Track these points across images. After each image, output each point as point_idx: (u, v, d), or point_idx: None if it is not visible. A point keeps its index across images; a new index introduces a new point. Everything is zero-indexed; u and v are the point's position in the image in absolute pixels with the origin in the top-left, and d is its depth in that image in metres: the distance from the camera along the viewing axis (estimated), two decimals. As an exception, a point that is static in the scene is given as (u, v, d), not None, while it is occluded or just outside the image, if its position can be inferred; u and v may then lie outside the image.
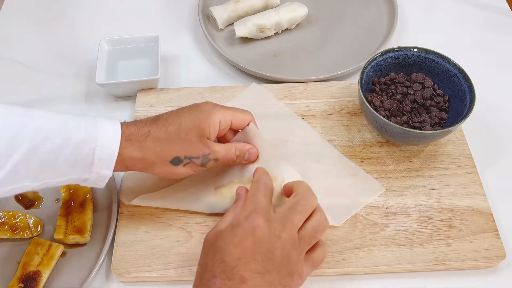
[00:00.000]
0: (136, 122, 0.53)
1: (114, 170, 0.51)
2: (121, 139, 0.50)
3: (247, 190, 0.54)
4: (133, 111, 0.71)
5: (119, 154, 0.50)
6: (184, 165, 0.53)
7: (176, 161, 0.53)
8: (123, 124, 0.52)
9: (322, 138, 0.67)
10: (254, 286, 0.45)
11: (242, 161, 0.58)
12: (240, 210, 0.50)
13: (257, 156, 0.59)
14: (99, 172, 0.50)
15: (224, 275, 0.45)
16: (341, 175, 0.64)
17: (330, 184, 0.62)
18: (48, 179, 0.49)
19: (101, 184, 0.52)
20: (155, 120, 0.54)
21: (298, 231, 0.50)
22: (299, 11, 0.82)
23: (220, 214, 0.59)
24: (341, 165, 0.65)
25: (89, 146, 0.48)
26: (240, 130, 0.60)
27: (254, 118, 0.60)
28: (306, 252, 0.51)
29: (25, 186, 0.48)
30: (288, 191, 0.55)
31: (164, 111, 0.57)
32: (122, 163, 0.51)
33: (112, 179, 0.63)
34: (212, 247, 0.48)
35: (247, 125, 0.59)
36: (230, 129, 0.59)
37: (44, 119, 0.48)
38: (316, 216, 0.51)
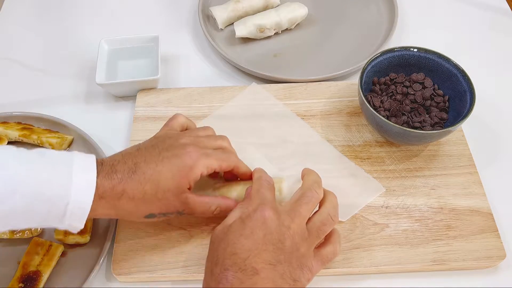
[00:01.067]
0: (112, 174, 0.49)
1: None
2: (94, 196, 0.47)
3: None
4: (133, 111, 0.71)
5: (92, 210, 0.48)
6: (158, 218, 0.53)
7: (150, 216, 0.52)
8: (99, 175, 0.48)
9: (322, 138, 0.67)
10: (266, 277, 0.45)
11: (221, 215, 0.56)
12: (247, 205, 0.50)
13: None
14: (70, 224, 0.48)
15: (236, 267, 0.45)
16: (341, 175, 0.64)
17: (330, 184, 0.62)
18: (15, 226, 0.47)
19: (73, 231, 0.50)
20: (133, 172, 0.49)
21: (306, 223, 0.50)
22: (299, 11, 0.82)
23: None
24: (341, 165, 0.65)
25: (61, 202, 0.46)
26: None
27: (238, 160, 0.56)
28: (317, 248, 0.51)
29: None
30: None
31: (164, 111, 0.57)
32: (93, 216, 0.49)
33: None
34: (222, 241, 0.48)
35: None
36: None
37: (15, 168, 0.45)
38: (324, 208, 0.52)
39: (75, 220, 0.48)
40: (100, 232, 0.60)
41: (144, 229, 0.59)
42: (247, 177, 0.56)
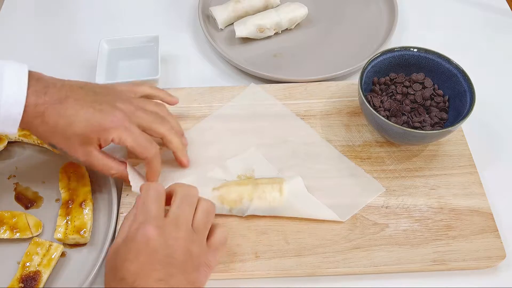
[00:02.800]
0: (40, 95, 0.52)
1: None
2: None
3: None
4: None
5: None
6: (60, 151, 0.56)
7: (52, 146, 0.56)
8: (29, 88, 0.51)
9: (322, 138, 0.67)
10: None
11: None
12: (131, 222, 0.49)
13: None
14: (3, 130, 0.52)
15: None
16: (341, 175, 0.64)
17: (330, 184, 0.62)
18: None
19: (10, 133, 0.53)
20: (58, 103, 0.52)
21: (191, 224, 0.50)
22: (299, 11, 0.82)
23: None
24: (341, 165, 0.65)
25: None
26: None
27: (153, 159, 0.57)
28: (207, 240, 0.51)
29: None
30: (168, 196, 0.52)
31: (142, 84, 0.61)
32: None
33: (111, 178, 0.63)
34: (112, 268, 0.47)
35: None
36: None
37: None
38: (201, 203, 0.52)
39: (7, 126, 0.51)
40: (100, 232, 0.60)
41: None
42: (177, 158, 0.61)
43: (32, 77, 0.52)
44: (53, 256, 0.56)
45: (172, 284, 0.45)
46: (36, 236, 0.59)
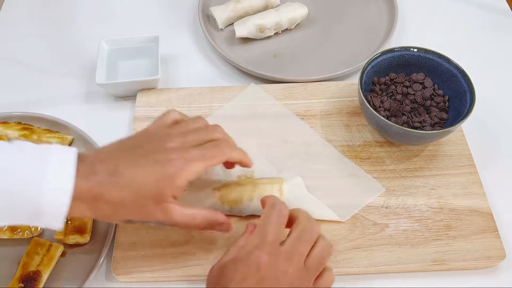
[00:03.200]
0: (90, 175, 0.46)
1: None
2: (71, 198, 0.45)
3: (252, 229, 0.50)
4: (133, 111, 0.71)
5: (69, 211, 0.45)
6: (137, 224, 0.50)
7: (128, 222, 0.50)
8: (77, 174, 0.45)
9: (322, 138, 0.67)
10: None
11: (212, 231, 0.54)
12: (244, 241, 0.48)
13: (230, 230, 0.54)
14: (48, 224, 0.46)
15: None
16: (341, 175, 0.64)
17: (330, 184, 0.62)
18: None
19: (55, 229, 0.47)
20: (112, 174, 0.47)
21: (304, 261, 0.48)
22: (299, 11, 0.82)
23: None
24: (341, 165, 0.65)
25: (35, 201, 0.44)
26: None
27: (231, 151, 0.53)
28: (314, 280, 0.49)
29: None
30: (290, 220, 0.50)
31: (164, 111, 0.57)
32: (72, 215, 0.48)
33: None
34: (216, 284, 0.46)
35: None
36: None
37: None
38: (320, 242, 0.49)
39: (52, 221, 0.45)
40: (100, 232, 0.60)
41: (144, 229, 0.59)
42: (245, 165, 0.54)
43: (77, 159, 0.46)
44: (53, 256, 0.56)
45: None
46: (36, 236, 0.59)
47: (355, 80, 0.71)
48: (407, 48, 0.67)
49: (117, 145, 0.51)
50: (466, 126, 0.68)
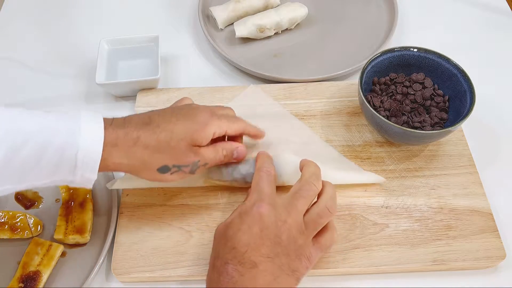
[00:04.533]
0: (125, 124, 0.51)
1: (99, 171, 0.49)
2: (105, 144, 0.48)
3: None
4: (133, 111, 0.71)
5: (103, 159, 0.49)
6: (171, 173, 0.53)
7: (163, 169, 0.52)
8: (109, 127, 0.49)
9: (321, 139, 0.67)
10: (265, 269, 0.47)
11: (231, 160, 0.58)
12: (247, 200, 0.52)
13: (244, 155, 0.59)
14: (83, 175, 0.49)
15: (236, 260, 0.47)
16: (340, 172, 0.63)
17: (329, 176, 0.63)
18: (32, 181, 0.48)
19: (88, 185, 0.50)
20: (147, 123, 0.52)
21: (304, 215, 0.51)
22: (299, 11, 0.82)
23: (218, 209, 0.59)
24: (340, 165, 0.64)
25: (71, 150, 0.47)
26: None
27: (247, 123, 0.60)
28: (314, 236, 0.52)
29: (9, 188, 0.48)
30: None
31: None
32: (106, 167, 0.50)
33: (111, 176, 0.63)
34: (222, 237, 0.50)
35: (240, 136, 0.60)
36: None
37: (24, 120, 0.47)
38: (322, 201, 0.52)
39: (87, 171, 0.48)
40: (100, 232, 0.60)
41: (144, 229, 0.59)
42: (258, 138, 0.61)
43: (107, 119, 0.51)
44: (53, 256, 0.56)
45: (276, 263, 0.47)
46: (36, 236, 0.59)
47: (355, 80, 0.71)
48: (407, 48, 0.67)
49: (143, 113, 0.55)
50: (466, 126, 0.68)
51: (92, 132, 0.48)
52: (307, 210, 0.51)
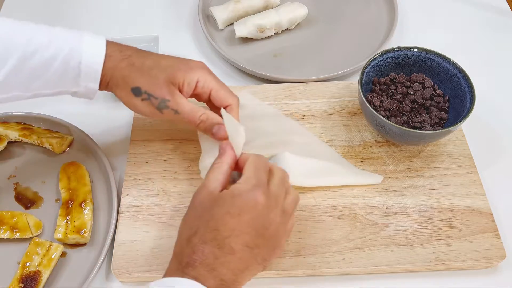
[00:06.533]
0: (121, 46, 0.56)
1: (100, 89, 0.55)
2: (105, 55, 0.53)
3: (232, 147, 0.53)
4: (133, 112, 0.71)
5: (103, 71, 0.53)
6: (142, 100, 0.55)
7: (136, 91, 0.55)
8: (110, 43, 0.55)
9: (320, 140, 0.67)
10: (240, 257, 0.46)
11: (208, 132, 0.56)
12: (243, 181, 0.49)
13: (226, 136, 0.55)
14: (86, 85, 0.54)
15: (215, 242, 0.46)
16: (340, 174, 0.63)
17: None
18: (38, 89, 0.53)
19: (91, 95, 0.56)
20: (142, 52, 0.56)
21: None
22: (299, 11, 0.82)
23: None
24: (340, 165, 0.64)
25: (75, 60, 0.52)
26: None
27: (237, 105, 0.59)
28: None
29: (17, 95, 0.53)
30: (241, 166, 0.52)
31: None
32: (103, 78, 0.54)
33: (112, 178, 0.63)
34: (206, 212, 0.48)
35: (226, 107, 0.58)
36: (210, 102, 0.59)
37: (34, 32, 0.52)
38: (291, 189, 0.52)
39: (90, 81, 0.54)
40: (100, 232, 0.60)
41: (144, 229, 0.59)
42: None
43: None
44: (53, 256, 0.56)
45: (253, 253, 0.47)
46: (36, 236, 0.59)
47: (355, 80, 0.71)
48: (407, 48, 0.67)
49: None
50: (466, 126, 0.68)
51: (95, 45, 0.53)
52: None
